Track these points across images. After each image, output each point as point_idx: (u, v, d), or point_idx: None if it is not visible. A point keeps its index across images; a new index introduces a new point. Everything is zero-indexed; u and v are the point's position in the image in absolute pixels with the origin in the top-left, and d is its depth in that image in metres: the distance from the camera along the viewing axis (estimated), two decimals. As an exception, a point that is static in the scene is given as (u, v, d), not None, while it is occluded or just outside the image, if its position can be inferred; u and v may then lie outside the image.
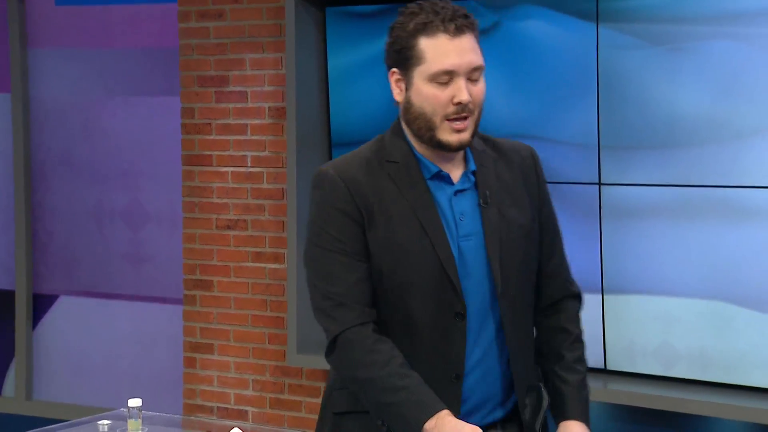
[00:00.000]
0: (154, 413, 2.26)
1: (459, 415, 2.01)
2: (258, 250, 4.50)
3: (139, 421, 2.13)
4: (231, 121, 4.54)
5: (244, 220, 4.52)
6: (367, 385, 1.94)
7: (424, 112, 1.98)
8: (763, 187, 3.50)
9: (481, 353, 2.03)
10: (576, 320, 2.15)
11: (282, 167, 4.43)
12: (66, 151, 5.06)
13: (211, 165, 4.59)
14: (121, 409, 2.22)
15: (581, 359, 2.13)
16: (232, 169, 4.54)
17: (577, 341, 2.13)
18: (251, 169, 4.51)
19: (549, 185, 2.17)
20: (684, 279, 3.64)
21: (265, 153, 4.47)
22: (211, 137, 4.58)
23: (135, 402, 2.13)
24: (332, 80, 4.31)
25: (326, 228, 2.00)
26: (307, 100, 4.35)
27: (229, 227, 4.55)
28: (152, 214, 4.95)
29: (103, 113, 4.96)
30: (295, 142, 4.33)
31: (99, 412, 2.33)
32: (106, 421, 2.20)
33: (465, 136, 1.99)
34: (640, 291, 3.71)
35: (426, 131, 1.99)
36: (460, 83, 1.96)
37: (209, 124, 4.59)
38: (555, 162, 3.78)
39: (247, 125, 4.51)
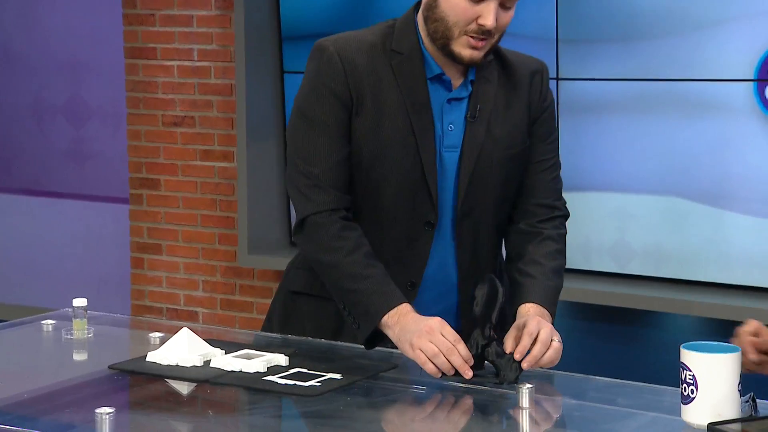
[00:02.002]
0: (101, 313, 2.28)
1: None
2: (206, 148, 4.48)
3: (85, 321, 2.15)
4: (175, 12, 4.47)
5: (192, 117, 4.49)
6: (331, 270, 1.97)
7: (446, 18, 1.95)
8: (722, 80, 3.55)
9: (436, 266, 2.05)
10: (555, 241, 2.06)
11: (230, 61, 4.39)
12: (1, 43, 4.96)
13: (155, 58, 4.53)
14: (66, 309, 2.24)
15: (551, 255, 2.05)
16: (177, 62, 4.49)
17: (558, 253, 2.06)
18: (198, 63, 4.46)
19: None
20: (641, 175, 3.70)
21: (213, 46, 4.42)
22: (155, 29, 4.51)
23: (80, 302, 2.14)
24: (282, -31, 4.25)
25: (314, 103, 2.00)
26: (256, -11, 4.28)
27: (175, 124, 4.53)
28: (94, 109, 4.90)
29: (39, 2, 4.85)
30: (243, 35, 4.28)
31: (43, 312, 2.34)
32: (50, 321, 2.21)
33: (478, 54, 1.96)
34: (597, 188, 3.77)
35: (441, 37, 1.97)
36: (491, 7, 1.93)
37: (152, 14, 4.51)
38: (513, 56, 3.79)
39: (192, 16, 4.44)
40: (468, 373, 1.82)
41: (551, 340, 1.86)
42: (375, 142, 1.98)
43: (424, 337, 1.85)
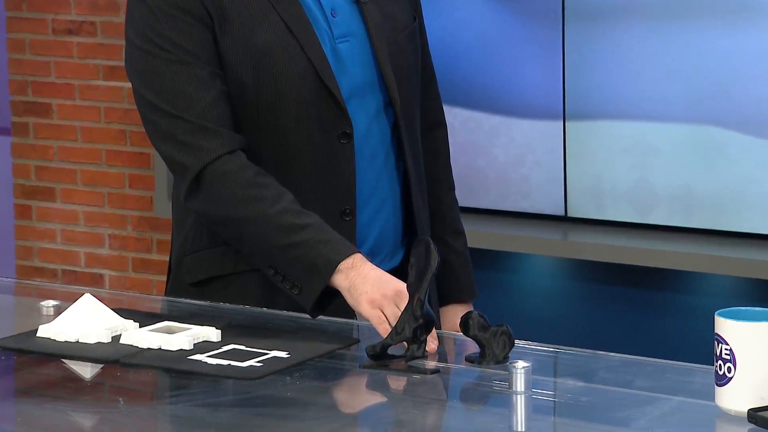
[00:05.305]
0: (-22, 276, 2.29)
1: None
2: (111, 63, 4.46)
3: (-42, 285, 2.15)
4: None
5: (92, 23, 4.47)
6: (254, 226, 2.01)
7: None
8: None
9: (373, 182, 2.14)
10: (448, 155, 2.33)
11: (141, -49, 4.35)
12: None
13: (43, -53, 4.49)
14: (-67, 270, 2.24)
15: (458, 212, 2.33)
16: (72, -47, 4.46)
17: (451, 189, 2.33)
18: (99, -46, 4.43)
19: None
20: (666, 99, 3.72)
21: (118, -69, 4.39)
22: None
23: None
24: None
25: (165, 32, 2.04)
26: None
27: (71, 32, 4.50)
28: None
29: None
30: None
31: None
32: None
33: None
34: (611, 116, 3.79)
35: None
36: None
37: None
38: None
39: None
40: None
41: None
42: (254, 57, 2.05)
43: (391, 299, 1.91)
